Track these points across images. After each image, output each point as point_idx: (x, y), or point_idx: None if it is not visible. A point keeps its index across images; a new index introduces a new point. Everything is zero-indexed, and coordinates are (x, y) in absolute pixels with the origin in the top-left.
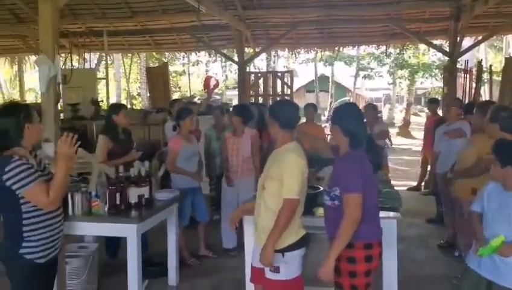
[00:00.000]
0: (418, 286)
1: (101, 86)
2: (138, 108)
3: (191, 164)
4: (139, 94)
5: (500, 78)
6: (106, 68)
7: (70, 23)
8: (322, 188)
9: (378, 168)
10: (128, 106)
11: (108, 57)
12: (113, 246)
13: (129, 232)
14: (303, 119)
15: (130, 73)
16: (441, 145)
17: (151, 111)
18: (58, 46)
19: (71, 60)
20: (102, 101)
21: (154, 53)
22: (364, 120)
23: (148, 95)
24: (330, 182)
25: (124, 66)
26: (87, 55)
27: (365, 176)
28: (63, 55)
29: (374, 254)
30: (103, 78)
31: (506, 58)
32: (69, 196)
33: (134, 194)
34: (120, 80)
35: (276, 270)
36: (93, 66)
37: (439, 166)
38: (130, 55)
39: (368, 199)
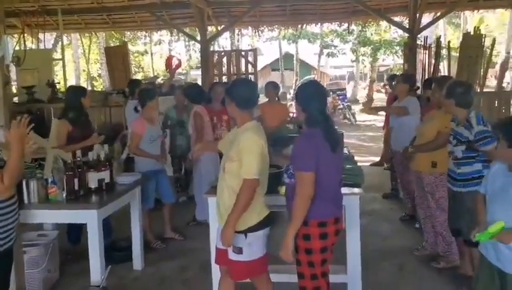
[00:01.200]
0: (381, 258)
1: (58, 68)
2: (99, 90)
3: (154, 146)
4: (99, 75)
5: (458, 54)
6: (62, 49)
7: (22, 2)
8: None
9: (336, 147)
10: (89, 88)
11: (66, 37)
12: (75, 233)
13: (89, 218)
14: (265, 98)
15: (89, 53)
16: (393, 122)
17: (111, 92)
18: (4, 26)
19: (24, 41)
20: (59, 83)
21: (114, 32)
22: (327, 99)
23: (108, 76)
24: (289, 160)
25: (83, 46)
26: (42, 36)
27: (320, 154)
28: (15, 35)
29: (329, 231)
30: (59, 60)
31: (463, 34)
32: (24, 183)
33: (93, 178)
34: (79, 61)
35: (239, 251)
36: (49, 46)
37: (393, 142)
38: (88, 35)
39: (324, 177)
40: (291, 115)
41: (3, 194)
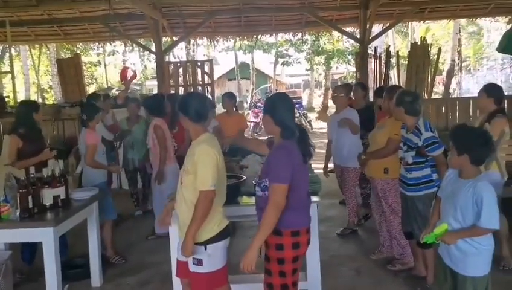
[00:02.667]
0: (339, 263)
1: (7, 81)
2: (50, 102)
3: (103, 158)
4: (50, 87)
5: (406, 63)
6: (11, 61)
7: None
8: (245, 177)
9: (308, 158)
10: (40, 100)
11: (14, 49)
12: (29, 252)
13: (45, 236)
14: (222, 109)
15: (39, 65)
16: (332, 134)
17: (64, 105)
18: None
19: None
20: (8, 97)
21: (65, 43)
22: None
23: (61, 88)
24: (261, 173)
25: (32, 57)
26: None
27: (295, 166)
28: None
29: (302, 241)
30: (7, 72)
31: (411, 44)
32: None
33: (48, 195)
34: (28, 73)
35: (199, 263)
36: None
37: (333, 156)
38: (38, 46)
39: (297, 188)
40: (248, 124)
41: None
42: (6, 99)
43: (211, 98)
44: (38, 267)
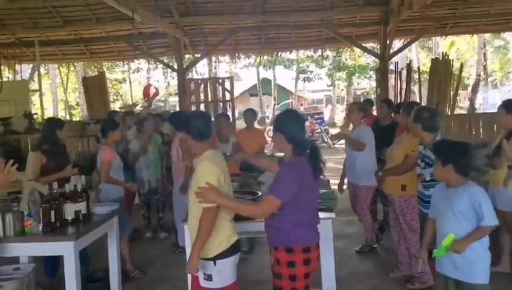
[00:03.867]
0: (357, 280)
1: (36, 98)
2: (77, 119)
3: (120, 174)
4: (77, 104)
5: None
6: (39, 80)
7: None
8: (260, 193)
9: (319, 174)
10: (67, 117)
11: (43, 67)
12: (52, 265)
13: (66, 250)
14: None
15: (67, 83)
16: (347, 150)
17: (89, 122)
18: None
19: (0, 72)
20: (36, 114)
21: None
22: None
23: (86, 106)
24: (268, 190)
25: (61, 75)
26: (20, 68)
27: (304, 183)
28: None
29: (313, 257)
30: (36, 90)
31: (432, 59)
32: (0, 216)
33: (70, 210)
34: (57, 91)
35: (209, 278)
36: (26, 77)
37: (347, 172)
38: (65, 64)
39: (306, 204)
40: (269, 140)
41: None
42: (35, 116)
43: (230, 114)
44: (61, 281)
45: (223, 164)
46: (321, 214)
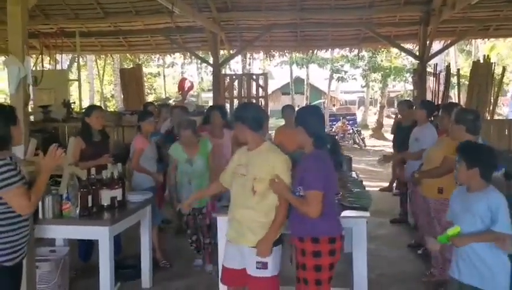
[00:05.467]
0: (388, 283)
1: (74, 88)
2: (112, 110)
3: (151, 164)
4: (112, 96)
5: (468, 82)
6: (78, 70)
7: (42, 24)
8: None
9: (340, 166)
10: (103, 108)
11: (81, 58)
12: (86, 249)
13: (101, 234)
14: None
15: (103, 74)
16: (412, 147)
17: (125, 113)
18: (28, 47)
19: (42, 61)
20: (74, 102)
21: (128, 54)
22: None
23: (122, 97)
24: (294, 182)
25: (98, 67)
26: (59, 57)
27: (328, 175)
28: (33, 56)
29: (337, 248)
30: (75, 80)
31: (473, 62)
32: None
33: (106, 196)
34: (93, 82)
35: (264, 266)
36: (65, 67)
37: (409, 168)
38: (103, 56)
39: (330, 195)
40: None
41: (26, 211)
42: (73, 105)
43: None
44: (93, 266)
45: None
46: (355, 213)
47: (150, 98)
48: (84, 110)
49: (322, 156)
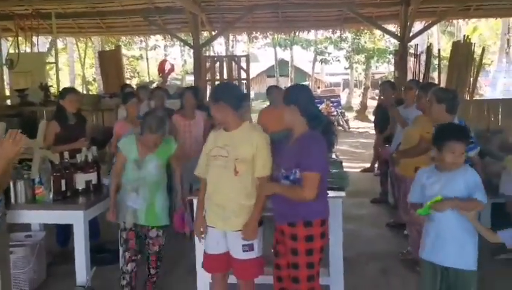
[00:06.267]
0: (366, 262)
1: (53, 72)
2: (91, 93)
3: None
4: (94, 79)
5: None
6: (56, 52)
7: (16, 5)
8: None
9: (332, 147)
10: (84, 92)
11: (62, 42)
12: (63, 234)
13: (76, 219)
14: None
15: (85, 58)
16: (394, 127)
17: (104, 96)
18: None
19: (18, 44)
20: (52, 86)
21: (110, 37)
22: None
23: (102, 80)
24: (287, 164)
25: (79, 50)
26: (37, 40)
27: (326, 157)
28: (9, 38)
29: (326, 231)
30: (53, 63)
31: (453, 42)
32: (11, 183)
33: (81, 180)
34: (74, 65)
35: (251, 248)
36: (44, 50)
37: (393, 147)
38: (83, 39)
39: (324, 177)
40: None
41: None
42: (51, 89)
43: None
44: (71, 250)
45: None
46: (332, 193)
47: (133, 82)
48: (59, 93)
49: (319, 136)
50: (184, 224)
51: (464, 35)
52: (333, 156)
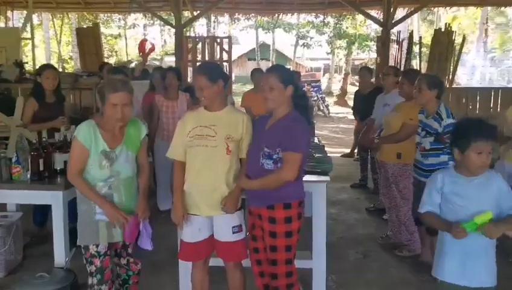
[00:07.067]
0: (346, 246)
1: (28, 49)
2: (69, 72)
3: None
4: (71, 58)
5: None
6: (31, 28)
7: None
8: None
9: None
10: (60, 70)
11: (37, 18)
12: (41, 215)
13: (54, 199)
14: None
15: (61, 35)
16: (377, 113)
17: (81, 74)
18: None
19: None
20: (27, 63)
21: (87, 14)
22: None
23: (79, 58)
24: (270, 144)
25: (54, 27)
26: (12, 15)
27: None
28: None
29: (302, 211)
30: (28, 39)
31: (435, 30)
32: None
33: (59, 160)
34: (50, 43)
35: (240, 229)
36: (19, 26)
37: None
38: (60, 15)
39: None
40: None
41: None
42: (27, 67)
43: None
44: (49, 231)
45: None
46: (315, 177)
47: (111, 61)
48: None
49: (303, 119)
50: (136, 236)
51: (446, 24)
52: (315, 140)
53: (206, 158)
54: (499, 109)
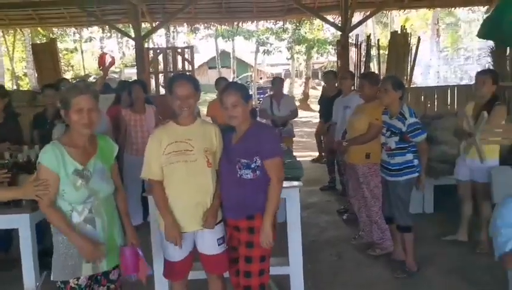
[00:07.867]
0: (320, 248)
1: None
2: (25, 89)
3: None
4: (25, 74)
5: (387, 52)
6: None
7: None
8: None
9: None
10: (14, 87)
11: None
12: (5, 240)
13: (21, 222)
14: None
15: (13, 51)
16: (337, 116)
17: (39, 91)
18: None
19: None
20: None
21: (40, 29)
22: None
23: (36, 74)
24: (246, 155)
25: (7, 44)
26: None
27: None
28: None
29: (275, 220)
30: None
31: (391, 32)
32: None
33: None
34: (2, 60)
35: (224, 240)
36: None
37: (337, 136)
38: (11, 31)
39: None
40: None
41: None
42: None
43: None
44: (16, 256)
45: None
46: (287, 183)
47: (68, 76)
48: None
49: (266, 124)
50: (138, 266)
51: (401, 26)
52: (283, 146)
53: (187, 173)
54: (455, 106)
